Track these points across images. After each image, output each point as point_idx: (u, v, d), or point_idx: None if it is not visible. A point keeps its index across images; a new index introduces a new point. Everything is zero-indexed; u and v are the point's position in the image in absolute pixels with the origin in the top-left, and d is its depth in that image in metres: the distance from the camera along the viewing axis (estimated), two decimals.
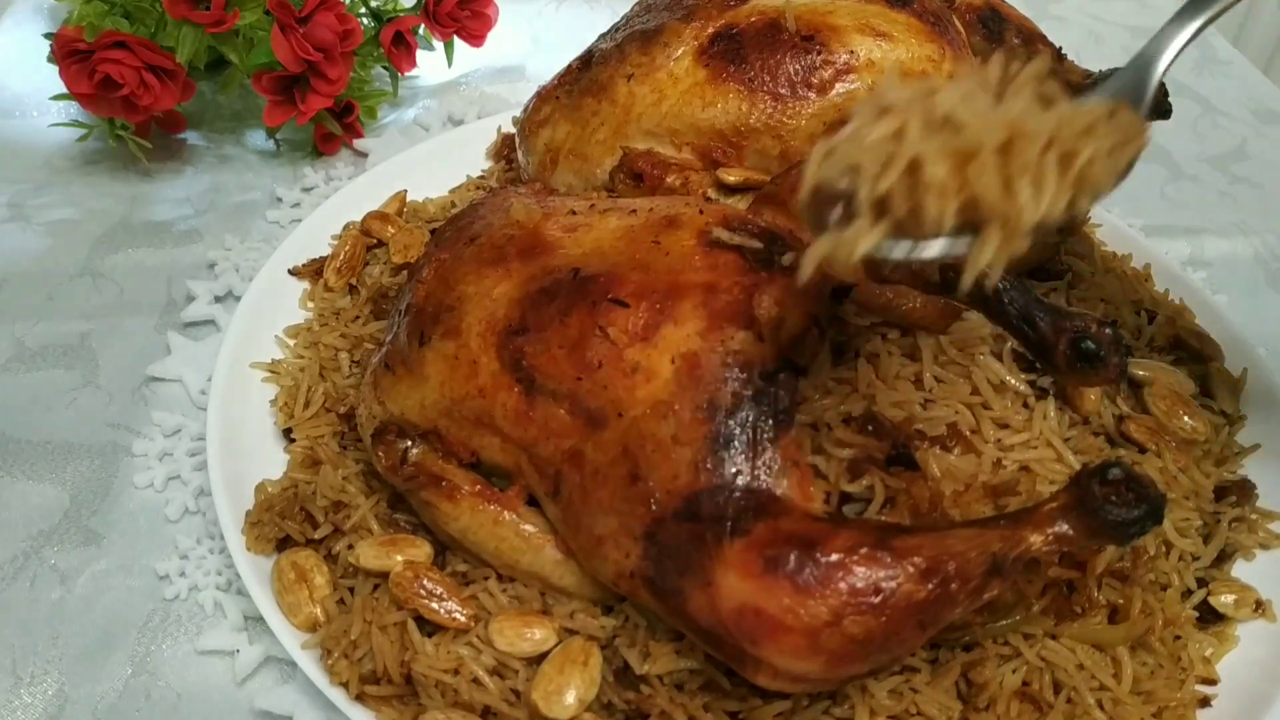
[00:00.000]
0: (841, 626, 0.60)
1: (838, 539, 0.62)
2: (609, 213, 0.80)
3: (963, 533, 0.63)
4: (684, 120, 0.97)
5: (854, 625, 0.60)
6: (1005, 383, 0.76)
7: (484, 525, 0.75)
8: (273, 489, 0.84)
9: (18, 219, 1.20)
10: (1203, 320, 1.03)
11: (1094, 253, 1.08)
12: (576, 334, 0.71)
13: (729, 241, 0.73)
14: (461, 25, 1.39)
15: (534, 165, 1.05)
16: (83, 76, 1.15)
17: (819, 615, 0.60)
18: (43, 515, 0.89)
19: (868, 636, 0.61)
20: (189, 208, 1.24)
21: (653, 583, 0.67)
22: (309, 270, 1.05)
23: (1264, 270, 1.26)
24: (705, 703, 0.69)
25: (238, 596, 0.83)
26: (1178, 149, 1.46)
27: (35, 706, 0.77)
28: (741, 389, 0.68)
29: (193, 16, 1.17)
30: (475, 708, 0.70)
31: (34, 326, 1.07)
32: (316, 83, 1.21)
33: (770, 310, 0.70)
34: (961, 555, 0.61)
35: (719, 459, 0.66)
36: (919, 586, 0.61)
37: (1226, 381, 0.97)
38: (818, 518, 0.66)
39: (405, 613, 0.74)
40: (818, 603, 0.60)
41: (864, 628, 0.60)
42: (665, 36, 0.99)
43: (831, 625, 0.60)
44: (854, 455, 0.68)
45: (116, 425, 0.97)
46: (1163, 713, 0.73)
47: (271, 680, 0.79)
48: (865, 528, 0.64)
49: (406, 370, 0.78)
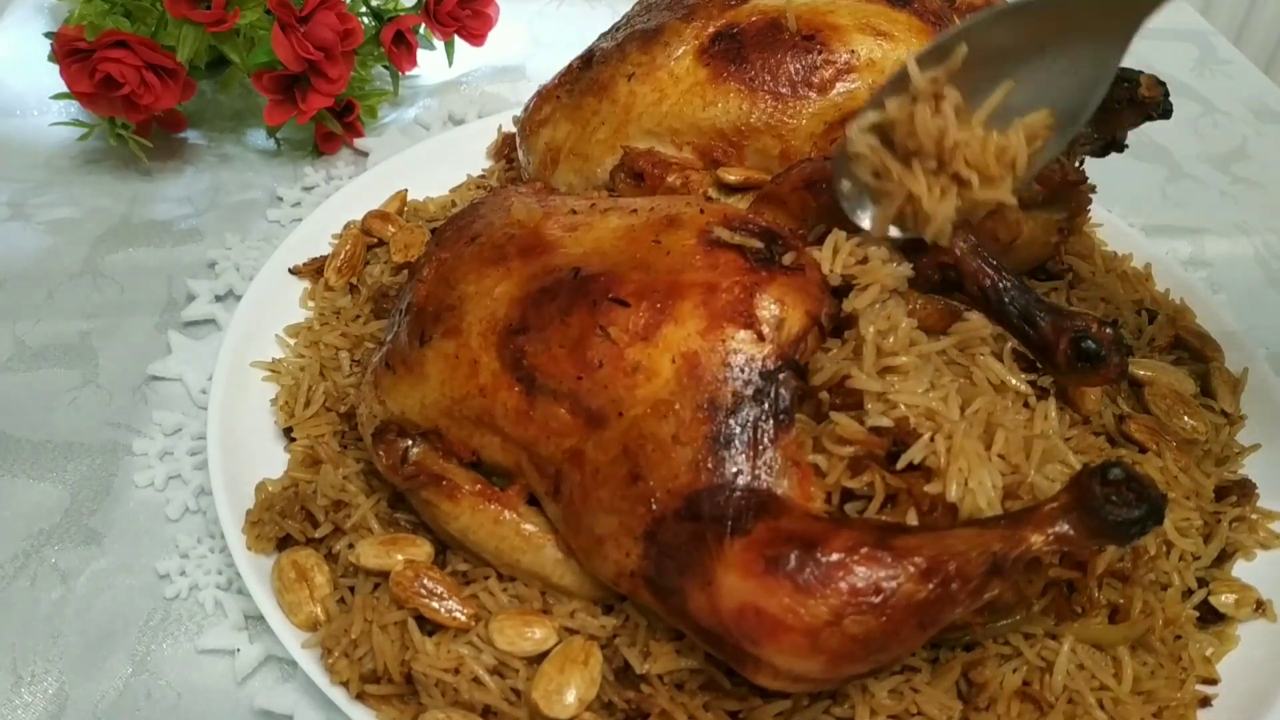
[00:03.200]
0: (842, 626, 0.60)
1: (838, 539, 0.62)
2: (609, 212, 0.80)
3: (963, 533, 0.63)
4: (685, 119, 0.97)
5: (854, 625, 0.60)
6: (1006, 383, 0.76)
7: (484, 524, 0.75)
8: (273, 488, 0.84)
9: (18, 218, 1.20)
10: (1203, 320, 1.03)
11: (1095, 252, 1.08)
12: (577, 333, 0.71)
13: (729, 241, 0.73)
14: (462, 24, 1.39)
15: (534, 164, 1.05)
16: (83, 75, 1.15)
17: (819, 615, 0.60)
18: (43, 514, 0.89)
19: (868, 636, 0.61)
20: (189, 207, 1.24)
21: (653, 582, 0.67)
22: (309, 269, 1.05)
23: (1265, 270, 1.26)
24: (705, 702, 0.69)
25: (238, 596, 0.83)
26: (1178, 149, 1.46)
27: (36, 705, 0.77)
28: (742, 388, 0.68)
29: (193, 15, 1.17)
30: (475, 707, 0.70)
31: (35, 325, 1.07)
32: (317, 82, 1.21)
33: (771, 310, 0.70)
34: (962, 555, 0.61)
35: (719, 458, 0.66)
36: (919, 586, 0.61)
37: (1227, 381, 0.97)
38: (818, 517, 0.66)
39: (406, 612, 0.74)
40: (818, 602, 0.60)
41: (864, 627, 0.60)
42: (666, 36, 0.99)
43: (832, 625, 0.60)
44: (855, 453, 0.68)
45: (117, 424, 0.97)
46: (1163, 712, 0.73)
47: (272, 679, 0.79)
48: (865, 527, 0.64)
49: (407, 369, 0.78)
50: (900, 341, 0.70)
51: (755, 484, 0.66)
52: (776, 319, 0.70)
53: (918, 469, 0.67)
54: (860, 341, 0.70)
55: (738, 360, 0.69)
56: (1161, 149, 1.46)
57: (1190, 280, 1.09)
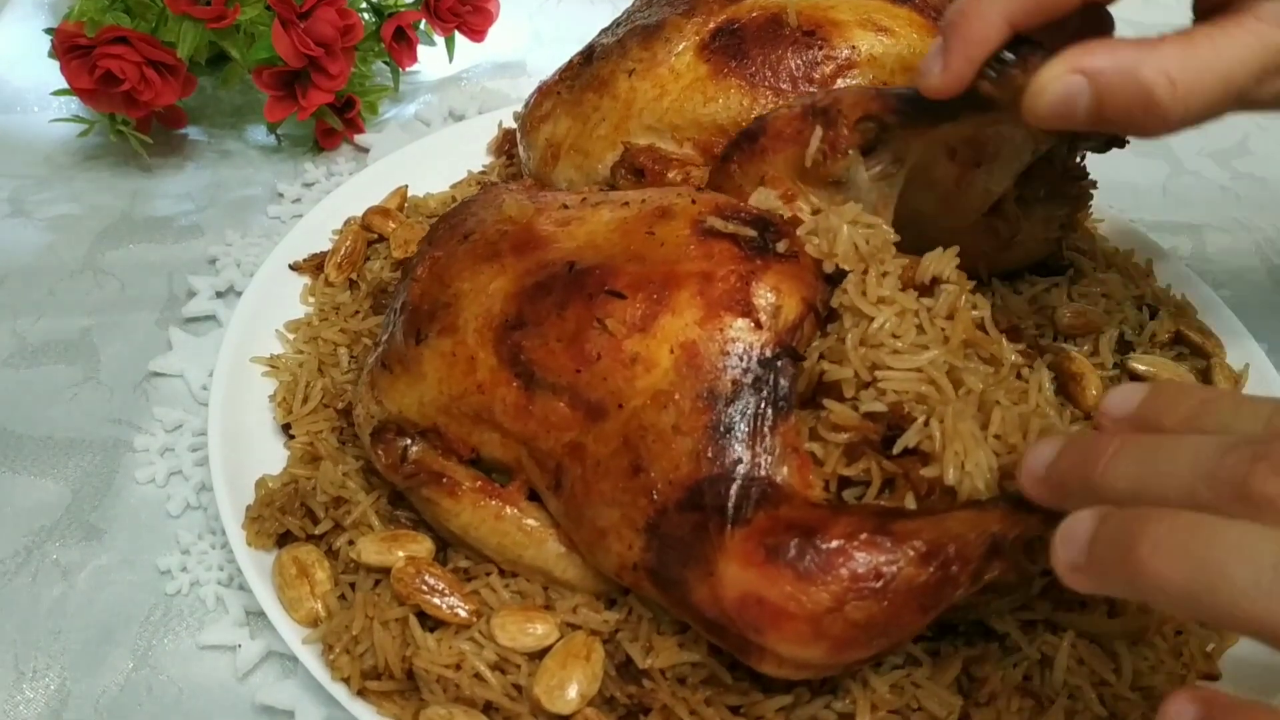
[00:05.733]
0: (844, 612, 0.60)
1: (837, 525, 0.62)
2: (601, 206, 0.80)
3: (961, 515, 0.63)
4: (685, 115, 0.97)
5: (856, 610, 0.60)
6: (996, 355, 0.75)
7: (486, 521, 0.75)
8: (273, 484, 0.84)
9: (19, 214, 1.20)
10: (1204, 316, 1.03)
11: (1096, 248, 1.08)
12: (574, 327, 0.71)
13: (723, 230, 0.73)
14: (462, 20, 1.39)
15: (535, 160, 1.05)
16: (83, 72, 1.15)
17: (821, 602, 0.60)
18: (44, 511, 0.90)
19: (870, 621, 0.61)
20: (190, 203, 1.24)
21: (656, 574, 0.67)
22: (310, 265, 1.05)
23: (1266, 266, 1.26)
24: (707, 696, 0.69)
25: (239, 592, 0.83)
26: (1179, 144, 1.46)
27: (37, 701, 0.77)
28: (741, 376, 0.68)
29: (193, 12, 1.17)
30: (477, 703, 0.70)
31: (35, 322, 1.07)
32: (317, 78, 1.21)
33: (767, 298, 0.70)
34: (961, 537, 0.61)
35: (720, 448, 0.66)
36: (920, 570, 0.61)
37: (1228, 377, 0.97)
38: (817, 504, 0.66)
39: (407, 608, 0.74)
40: (819, 589, 0.60)
41: (866, 613, 0.60)
42: (666, 32, 0.99)
43: (834, 611, 0.60)
44: (850, 439, 0.68)
45: (118, 420, 0.97)
46: None
47: (273, 675, 0.79)
48: (864, 513, 0.64)
49: (404, 369, 0.78)
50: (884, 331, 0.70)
51: (755, 472, 0.66)
52: (773, 307, 0.70)
53: (914, 453, 0.67)
54: (844, 332, 0.70)
55: (736, 349, 0.69)
56: (1163, 144, 1.45)
57: (1191, 276, 1.09)
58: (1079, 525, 0.53)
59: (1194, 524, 0.47)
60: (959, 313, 0.73)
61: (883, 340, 0.70)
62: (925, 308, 0.73)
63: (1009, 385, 0.73)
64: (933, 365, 0.70)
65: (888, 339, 0.70)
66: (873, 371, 0.69)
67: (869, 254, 0.74)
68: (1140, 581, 0.48)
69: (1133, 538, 0.48)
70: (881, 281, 0.72)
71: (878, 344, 0.70)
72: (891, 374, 0.69)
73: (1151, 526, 0.48)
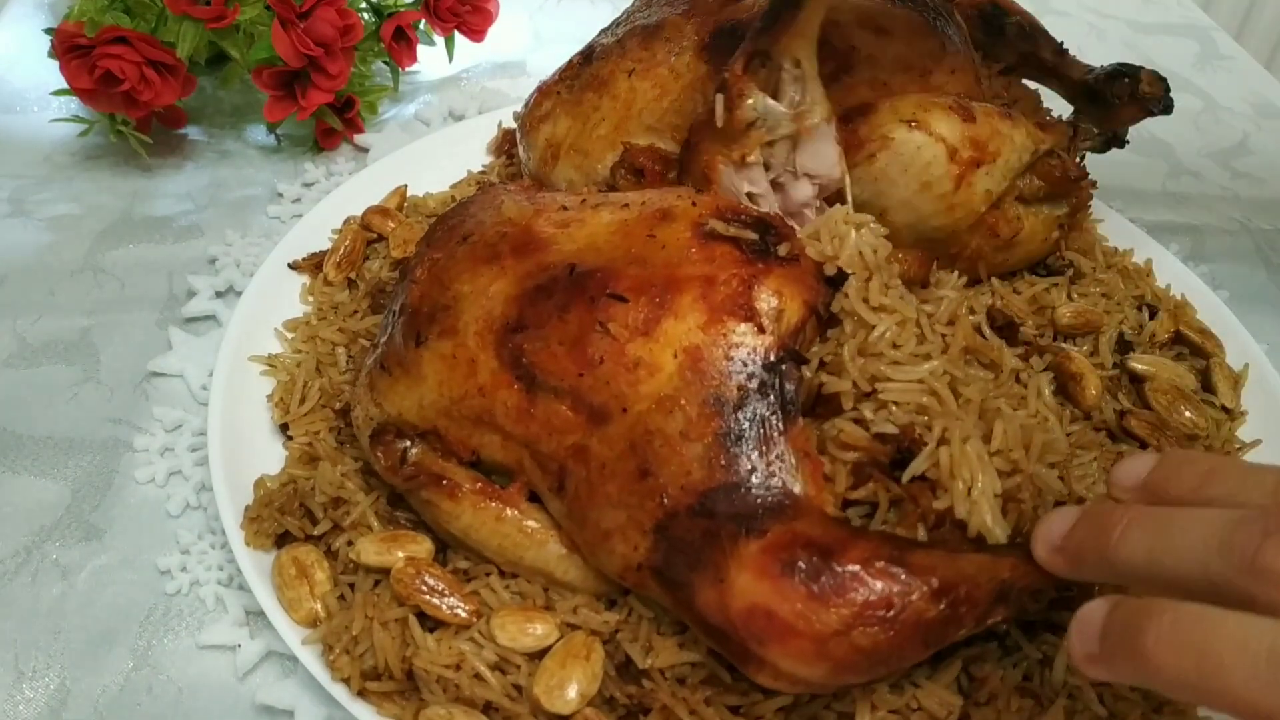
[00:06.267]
0: (850, 637, 0.60)
1: (855, 549, 0.62)
2: (601, 207, 0.80)
3: (976, 558, 0.63)
4: (685, 115, 0.96)
5: (863, 637, 0.60)
6: (995, 361, 0.75)
7: (486, 522, 0.75)
8: (271, 484, 0.84)
9: (18, 214, 1.20)
10: (1204, 315, 1.03)
11: (1095, 248, 1.08)
12: (576, 330, 0.71)
13: (724, 233, 0.73)
14: (462, 20, 1.39)
15: (535, 160, 1.05)
16: (83, 72, 1.15)
17: (830, 624, 0.60)
18: (44, 510, 0.90)
19: (874, 649, 0.61)
20: (190, 203, 1.24)
21: (661, 575, 0.67)
22: (309, 264, 1.05)
23: (1265, 266, 1.26)
24: (707, 697, 0.69)
25: (239, 592, 0.83)
26: (1179, 144, 1.46)
27: (37, 701, 0.77)
28: (746, 381, 0.68)
29: (193, 12, 1.17)
30: (477, 703, 0.70)
31: (35, 322, 1.07)
32: (317, 78, 1.21)
33: (770, 301, 0.70)
34: (973, 580, 0.62)
35: (731, 455, 0.66)
36: (930, 605, 0.61)
37: (1228, 377, 0.97)
38: (835, 522, 0.66)
39: (406, 608, 0.74)
40: (830, 611, 0.60)
41: (872, 640, 0.60)
42: (666, 31, 0.99)
43: (841, 635, 0.60)
44: (858, 459, 0.68)
45: (118, 420, 0.97)
46: (1163, 708, 0.73)
47: (273, 675, 0.79)
48: (881, 539, 0.64)
49: (403, 371, 0.78)
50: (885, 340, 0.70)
51: (770, 480, 0.66)
52: (775, 310, 0.70)
53: (922, 478, 0.67)
54: (843, 340, 0.70)
55: (740, 353, 0.69)
56: (1162, 144, 1.46)
57: (1191, 276, 1.09)
58: (1092, 615, 0.54)
59: (1197, 616, 0.49)
60: (960, 320, 0.73)
61: (882, 350, 0.70)
62: (926, 314, 0.73)
63: (1009, 390, 0.73)
64: (933, 376, 0.70)
65: (888, 349, 0.71)
66: (872, 383, 0.69)
67: (875, 264, 0.74)
68: (1146, 670, 0.50)
69: (1139, 629, 0.50)
70: (884, 290, 0.72)
71: (877, 354, 0.70)
72: (891, 385, 0.69)
73: (1155, 620, 0.50)
